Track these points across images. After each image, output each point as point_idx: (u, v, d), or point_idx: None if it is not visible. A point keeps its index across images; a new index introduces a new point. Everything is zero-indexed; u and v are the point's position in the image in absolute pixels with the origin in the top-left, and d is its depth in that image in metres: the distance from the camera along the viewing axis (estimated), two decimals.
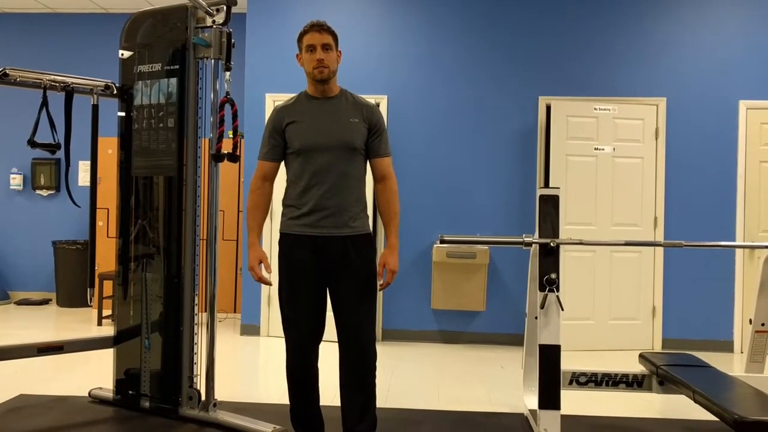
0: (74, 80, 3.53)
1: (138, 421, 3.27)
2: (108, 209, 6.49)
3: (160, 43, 3.35)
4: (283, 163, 2.76)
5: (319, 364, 2.74)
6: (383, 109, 5.42)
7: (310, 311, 2.62)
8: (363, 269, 2.63)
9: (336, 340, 2.66)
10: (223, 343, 5.20)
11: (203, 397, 3.25)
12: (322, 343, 2.72)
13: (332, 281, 2.63)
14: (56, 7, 7.00)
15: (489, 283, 5.37)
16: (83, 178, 7.05)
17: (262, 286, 5.48)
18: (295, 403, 2.71)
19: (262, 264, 2.67)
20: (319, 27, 2.64)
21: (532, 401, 3.44)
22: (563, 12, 5.43)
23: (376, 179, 2.73)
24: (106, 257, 6.17)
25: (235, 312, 6.41)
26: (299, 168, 2.63)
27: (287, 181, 2.72)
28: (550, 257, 3.03)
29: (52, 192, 7.15)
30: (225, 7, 3.14)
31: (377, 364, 2.69)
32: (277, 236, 5.59)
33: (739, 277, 5.31)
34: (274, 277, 3.26)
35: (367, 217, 2.73)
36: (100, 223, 6.52)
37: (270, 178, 2.73)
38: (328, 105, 2.67)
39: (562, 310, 3.01)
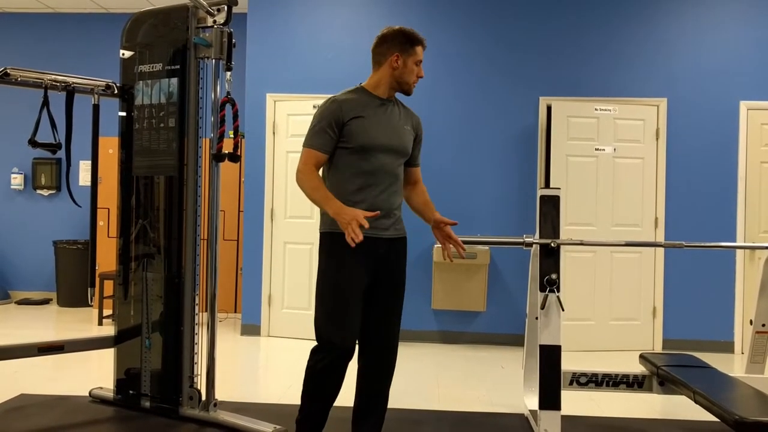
0: (75, 80, 3.54)
1: (138, 420, 3.27)
2: (109, 209, 6.50)
3: (161, 42, 3.35)
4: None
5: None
6: None
7: (359, 311, 2.57)
8: (400, 271, 2.67)
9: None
10: (224, 343, 5.20)
11: (204, 397, 3.25)
12: None
13: (375, 282, 2.60)
14: (57, 7, 7.00)
15: (489, 284, 5.37)
16: (84, 177, 7.06)
17: (263, 285, 5.48)
18: (317, 404, 2.56)
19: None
20: (425, 45, 2.72)
21: (532, 402, 3.45)
22: (564, 13, 5.43)
23: (409, 183, 2.81)
24: (106, 257, 6.17)
25: (235, 312, 6.41)
26: (355, 165, 2.55)
27: (336, 176, 2.59)
28: (550, 258, 3.03)
29: (53, 192, 7.15)
30: (226, 7, 3.14)
31: None
32: (277, 237, 5.52)
33: (740, 278, 5.30)
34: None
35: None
36: (100, 223, 6.52)
37: (319, 169, 2.60)
38: (388, 108, 2.67)
39: (563, 310, 3.01)
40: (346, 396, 3.00)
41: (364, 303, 2.60)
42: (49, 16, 7.15)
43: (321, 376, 2.52)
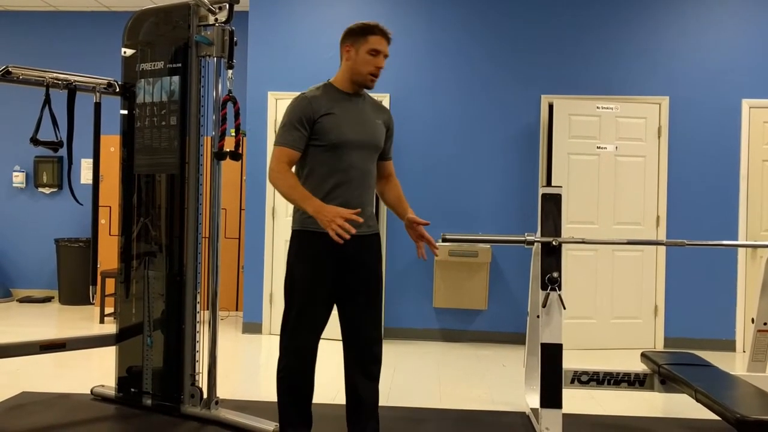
0: (77, 78, 3.54)
1: (140, 418, 3.27)
2: (110, 207, 6.50)
3: (163, 41, 3.35)
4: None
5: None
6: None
7: (325, 313, 2.57)
8: (375, 268, 2.65)
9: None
10: (225, 341, 5.20)
11: (205, 395, 3.26)
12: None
13: (347, 280, 2.58)
14: (59, 5, 7.00)
15: (491, 282, 5.37)
16: (85, 175, 7.06)
17: (264, 283, 5.49)
18: (293, 410, 2.60)
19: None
20: (387, 35, 2.58)
21: (533, 400, 3.44)
22: (565, 11, 5.42)
23: (382, 177, 2.77)
24: (108, 255, 6.18)
25: (237, 310, 6.42)
26: (327, 163, 2.53)
27: (306, 175, 2.57)
28: (552, 256, 3.03)
29: (55, 190, 7.16)
30: (227, 5, 3.14)
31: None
32: (279, 235, 5.52)
33: (741, 277, 5.30)
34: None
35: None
36: (102, 221, 6.53)
37: (292, 167, 2.55)
38: (356, 103, 2.62)
39: (564, 308, 3.01)
40: (344, 395, 3.00)
41: (339, 302, 2.60)
42: (51, 14, 7.15)
43: (291, 379, 2.56)
